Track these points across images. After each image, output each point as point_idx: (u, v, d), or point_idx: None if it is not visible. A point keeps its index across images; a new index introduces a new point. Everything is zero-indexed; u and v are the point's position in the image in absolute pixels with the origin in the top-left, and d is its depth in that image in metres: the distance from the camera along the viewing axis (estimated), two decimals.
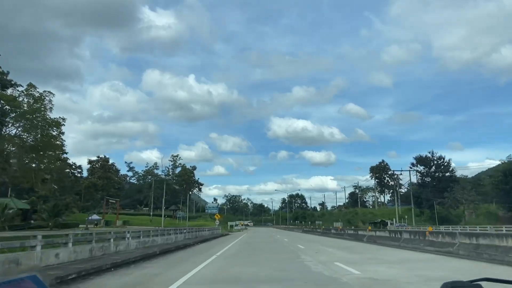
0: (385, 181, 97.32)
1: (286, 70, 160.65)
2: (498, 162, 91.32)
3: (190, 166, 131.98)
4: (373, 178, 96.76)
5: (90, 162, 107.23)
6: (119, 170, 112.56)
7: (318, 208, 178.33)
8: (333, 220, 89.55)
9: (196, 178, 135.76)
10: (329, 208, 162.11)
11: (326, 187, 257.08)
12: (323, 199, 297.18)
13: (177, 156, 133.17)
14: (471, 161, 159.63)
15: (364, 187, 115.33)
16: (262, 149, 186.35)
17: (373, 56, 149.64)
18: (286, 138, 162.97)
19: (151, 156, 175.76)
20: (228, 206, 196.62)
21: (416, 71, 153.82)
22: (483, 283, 1.40)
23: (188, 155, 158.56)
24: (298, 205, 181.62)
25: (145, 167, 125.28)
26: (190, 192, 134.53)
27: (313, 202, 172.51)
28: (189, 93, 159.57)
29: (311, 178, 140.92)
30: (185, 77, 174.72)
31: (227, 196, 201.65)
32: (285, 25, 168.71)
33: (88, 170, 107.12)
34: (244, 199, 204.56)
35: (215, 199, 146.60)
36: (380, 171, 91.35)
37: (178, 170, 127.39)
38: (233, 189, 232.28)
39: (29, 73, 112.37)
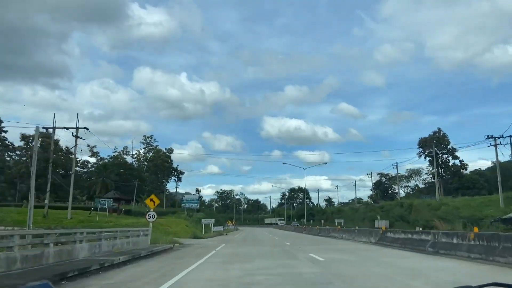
0: (441, 159, 68.71)
1: (279, 69, 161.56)
2: (489, 163, 75.34)
3: (166, 149, 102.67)
4: (423, 156, 68.34)
5: (24, 137, 77.83)
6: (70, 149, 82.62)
7: (322, 204, 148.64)
8: (361, 218, 61.06)
9: (175, 165, 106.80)
10: (333, 204, 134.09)
11: (320, 186, 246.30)
12: (324, 196, 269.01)
13: (150, 137, 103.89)
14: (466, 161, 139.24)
15: (393, 174, 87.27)
16: (255, 148, 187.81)
17: (366, 56, 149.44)
18: (279, 137, 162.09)
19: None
20: (219, 204, 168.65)
21: (409, 71, 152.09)
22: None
23: (181, 154, 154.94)
24: (300, 200, 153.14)
25: (113, 152, 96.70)
26: (167, 182, 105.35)
27: (313, 198, 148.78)
28: (181, 91, 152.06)
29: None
30: (177, 75, 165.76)
31: (218, 192, 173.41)
32: (278, 24, 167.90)
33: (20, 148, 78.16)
34: (237, 195, 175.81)
35: (197, 191, 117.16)
36: (436, 145, 62.33)
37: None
38: (227, 189, 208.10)
39: (16, 70, 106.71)
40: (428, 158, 67.78)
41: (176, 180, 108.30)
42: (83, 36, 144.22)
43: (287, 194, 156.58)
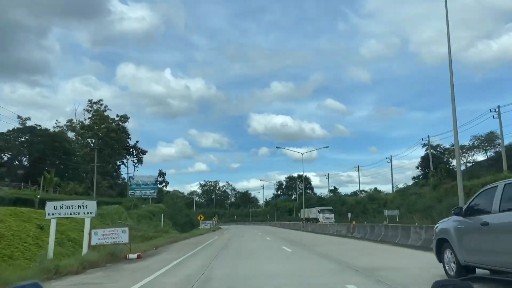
0: None
1: (266, 66, 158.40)
2: None
3: (118, 115, 72.94)
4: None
5: None
6: None
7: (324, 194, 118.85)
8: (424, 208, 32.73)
9: (134, 142, 77.24)
10: (342, 193, 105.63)
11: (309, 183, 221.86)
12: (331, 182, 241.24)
13: (99, 102, 73.55)
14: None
15: (447, 146, 59.20)
16: (243, 145, 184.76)
17: (352, 51, 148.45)
18: (266, 134, 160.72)
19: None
20: (203, 200, 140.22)
21: (394, 67, 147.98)
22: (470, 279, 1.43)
23: (168, 151, 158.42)
24: (300, 191, 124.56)
25: (56, 124, 67.24)
26: (123, 162, 75.71)
27: (316, 188, 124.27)
28: (166, 88, 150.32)
29: (293, 175, 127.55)
30: (161, 72, 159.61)
31: (200, 184, 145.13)
32: (266, 20, 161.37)
33: None
34: (224, 186, 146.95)
35: (161, 174, 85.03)
36: None
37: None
38: (211, 180, 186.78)
39: None
40: None
41: (136, 161, 78.67)
42: (63, 32, 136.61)
43: (284, 183, 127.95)
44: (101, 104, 73.72)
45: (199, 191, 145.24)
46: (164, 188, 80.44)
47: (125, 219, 36.70)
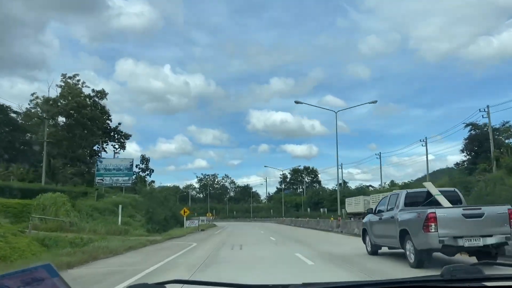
0: None
1: (265, 62, 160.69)
2: None
3: (94, 90, 60.85)
4: None
5: None
6: None
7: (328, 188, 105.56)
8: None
9: (115, 125, 65.17)
10: (350, 186, 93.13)
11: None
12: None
13: (74, 77, 60.99)
14: (450, 154, 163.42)
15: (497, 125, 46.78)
16: (243, 142, 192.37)
17: (351, 48, 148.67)
18: (265, 131, 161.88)
19: (130, 149, 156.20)
20: (202, 195, 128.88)
21: (394, 63, 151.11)
22: None
23: (167, 148, 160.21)
24: (307, 185, 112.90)
25: (29, 105, 54.95)
26: (102, 146, 63.25)
27: (323, 181, 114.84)
28: (166, 83, 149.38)
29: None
30: (161, 67, 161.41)
31: (197, 177, 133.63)
32: (266, 16, 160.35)
33: None
34: (223, 179, 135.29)
35: (144, 159, 70.24)
36: None
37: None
38: (209, 173, 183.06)
39: None
40: None
41: (118, 147, 66.31)
42: (61, 27, 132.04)
43: (288, 176, 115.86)
44: (78, 80, 61.36)
45: (197, 185, 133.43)
46: (148, 177, 67.41)
47: (67, 212, 24.67)
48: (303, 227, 38.36)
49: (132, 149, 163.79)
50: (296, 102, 38.62)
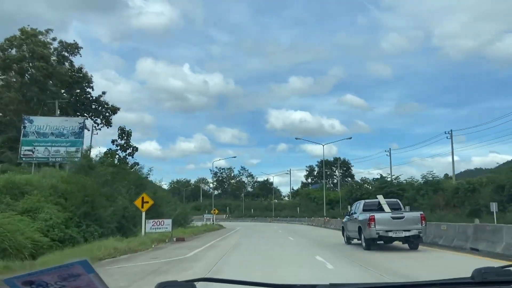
0: None
1: (284, 60, 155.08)
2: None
3: (63, 42, 45.00)
4: None
5: None
6: None
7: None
8: None
9: (101, 97, 49.28)
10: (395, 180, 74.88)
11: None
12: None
13: (47, 33, 44.86)
14: (474, 155, 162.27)
15: None
16: (261, 141, 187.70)
17: (372, 46, 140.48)
18: (284, 130, 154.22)
19: (149, 147, 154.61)
20: (219, 191, 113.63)
21: (417, 61, 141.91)
22: None
23: (187, 146, 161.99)
24: (338, 178, 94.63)
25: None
26: (90, 121, 46.42)
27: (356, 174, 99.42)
28: (185, 82, 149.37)
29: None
30: (180, 66, 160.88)
31: (211, 171, 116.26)
32: (285, 15, 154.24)
33: None
34: (240, 173, 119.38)
35: (123, 133, 51.68)
36: None
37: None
38: (224, 167, 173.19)
39: None
40: None
41: (100, 122, 50.00)
42: (83, 27, 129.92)
43: (316, 169, 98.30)
44: (54, 40, 45.39)
45: (211, 180, 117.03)
46: (129, 157, 45.43)
47: None
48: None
49: (152, 147, 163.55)
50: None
